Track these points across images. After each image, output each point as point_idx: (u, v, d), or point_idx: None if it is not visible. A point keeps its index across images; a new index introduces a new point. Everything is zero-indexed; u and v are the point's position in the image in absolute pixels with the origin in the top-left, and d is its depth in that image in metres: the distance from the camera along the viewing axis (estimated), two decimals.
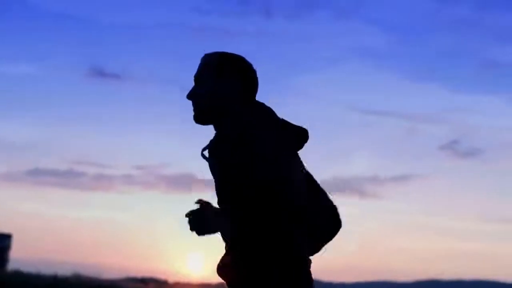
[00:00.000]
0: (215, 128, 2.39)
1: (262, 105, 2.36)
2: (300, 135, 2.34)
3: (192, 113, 2.40)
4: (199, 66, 2.42)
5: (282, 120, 2.34)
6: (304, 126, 2.36)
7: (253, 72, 2.41)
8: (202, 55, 2.44)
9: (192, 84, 2.42)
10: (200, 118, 2.39)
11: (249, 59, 2.45)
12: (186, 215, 2.26)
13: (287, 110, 2.40)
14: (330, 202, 2.40)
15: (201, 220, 2.23)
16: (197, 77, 2.41)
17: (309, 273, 2.29)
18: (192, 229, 2.25)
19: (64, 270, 23.42)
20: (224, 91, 2.34)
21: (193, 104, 2.39)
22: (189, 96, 2.40)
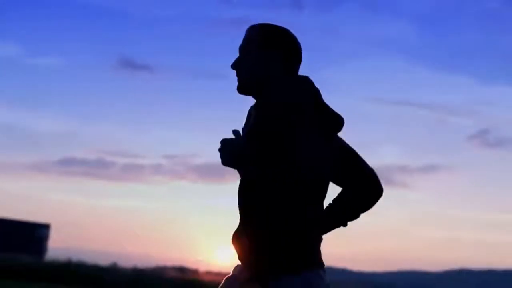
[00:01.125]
0: (256, 99, 2.42)
1: (306, 79, 2.36)
2: (335, 122, 2.36)
3: (236, 84, 2.42)
4: (244, 37, 2.45)
5: (322, 102, 2.35)
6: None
7: (297, 44, 2.42)
8: (231, 47, 2.48)
9: (221, 74, 2.57)
10: (243, 88, 2.41)
11: None
12: (220, 142, 2.28)
13: None
14: (370, 171, 2.44)
15: (229, 150, 2.25)
16: (241, 48, 2.44)
17: (315, 251, 2.30)
18: (220, 156, 2.28)
19: (96, 259, 23.63)
20: (267, 63, 2.37)
21: (237, 74, 2.42)
22: (233, 66, 2.42)
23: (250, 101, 2.45)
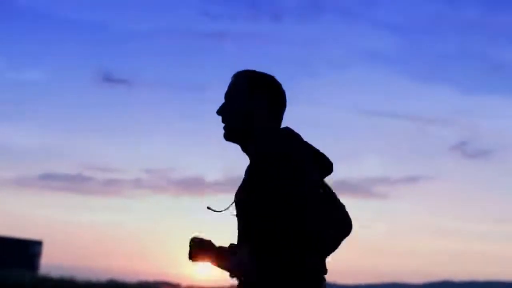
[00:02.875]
0: (243, 147, 2.43)
1: (291, 131, 2.39)
2: (326, 166, 2.38)
3: (222, 130, 2.44)
4: (230, 84, 2.46)
5: (313, 147, 2.38)
6: (315, 131, 2.56)
7: (282, 91, 2.44)
8: (212, 60, 2.80)
9: (202, 89, 2.67)
10: (231, 135, 2.42)
11: (258, 62, 2.78)
12: (190, 241, 2.39)
13: (297, 113, 2.37)
14: (343, 210, 2.36)
15: (201, 247, 2.36)
16: (227, 95, 2.45)
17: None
18: (189, 254, 2.38)
19: (74, 273, 24.44)
20: (254, 111, 2.38)
21: (223, 121, 2.43)
22: (219, 112, 2.44)
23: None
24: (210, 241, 2.37)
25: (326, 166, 2.37)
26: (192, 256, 2.37)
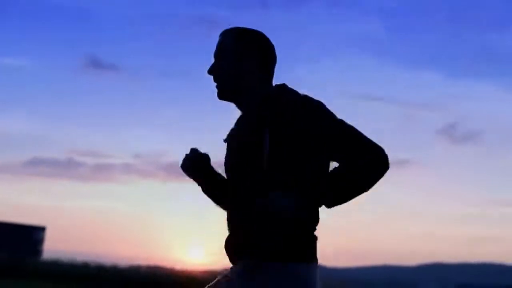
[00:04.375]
0: (238, 105, 2.41)
1: (284, 86, 2.37)
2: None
3: (215, 89, 2.40)
4: (218, 42, 2.43)
5: None
6: None
7: (271, 46, 2.41)
8: (198, 47, 3.02)
9: (190, 75, 2.84)
10: (223, 95, 2.39)
11: None
12: (191, 151, 2.38)
13: None
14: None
15: (201, 164, 2.37)
16: (217, 54, 2.41)
17: (315, 244, 2.28)
18: (186, 165, 2.38)
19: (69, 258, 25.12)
20: (244, 68, 2.35)
21: (215, 80, 2.40)
22: (209, 71, 2.40)
23: (215, 98, 2.41)
24: (207, 156, 2.40)
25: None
26: (187, 167, 2.37)
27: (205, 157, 2.41)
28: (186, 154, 2.39)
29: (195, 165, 2.39)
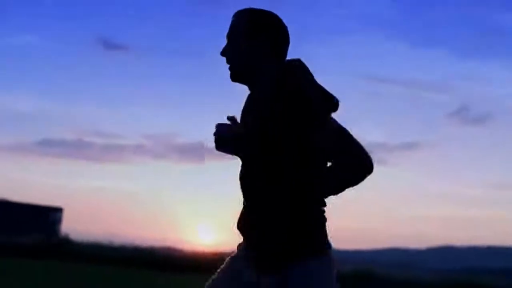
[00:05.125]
0: (250, 86, 2.41)
1: (300, 62, 2.35)
2: (335, 102, 2.32)
3: (228, 71, 2.41)
4: (231, 24, 2.42)
5: (318, 84, 2.33)
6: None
7: (284, 27, 2.40)
8: (209, 25, 3.07)
9: (201, 52, 2.81)
10: (236, 77, 2.39)
11: None
12: (216, 126, 2.33)
13: None
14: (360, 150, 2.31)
15: (225, 135, 2.31)
16: (229, 35, 2.42)
17: (326, 230, 2.30)
18: (215, 141, 2.32)
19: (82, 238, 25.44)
20: (257, 49, 2.36)
21: (227, 62, 2.40)
22: (222, 53, 2.41)
23: (228, 80, 2.41)
24: (240, 124, 2.35)
25: (334, 103, 2.31)
26: (220, 144, 2.31)
27: (239, 127, 2.34)
28: (219, 126, 2.33)
29: (236, 136, 2.31)
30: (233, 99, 2.51)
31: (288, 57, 2.40)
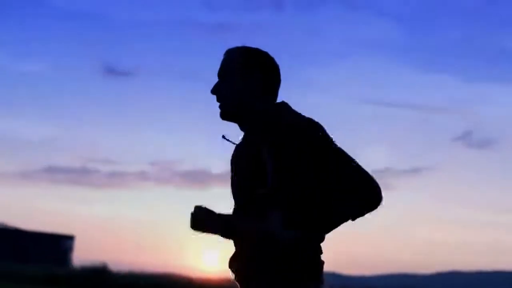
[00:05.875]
0: (241, 125, 2.38)
1: (286, 105, 2.35)
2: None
3: (217, 109, 2.39)
4: (222, 61, 2.40)
5: None
6: (318, 119, 2.31)
7: (276, 66, 2.39)
8: (214, 51, 2.63)
9: (205, 79, 2.36)
10: (226, 115, 2.37)
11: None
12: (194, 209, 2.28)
13: (299, 103, 2.41)
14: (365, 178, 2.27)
15: (203, 217, 2.26)
16: (220, 73, 2.39)
17: (321, 265, 2.28)
18: (191, 224, 2.27)
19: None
20: (249, 88, 2.33)
21: (218, 100, 2.38)
22: (213, 91, 2.38)
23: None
24: (213, 211, 2.28)
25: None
26: (195, 224, 2.27)
27: (211, 212, 2.29)
28: (192, 214, 2.29)
29: (206, 222, 2.28)
30: (237, 127, 2.45)
31: (293, 80, 2.48)
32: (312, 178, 2.21)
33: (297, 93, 2.41)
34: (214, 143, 2.30)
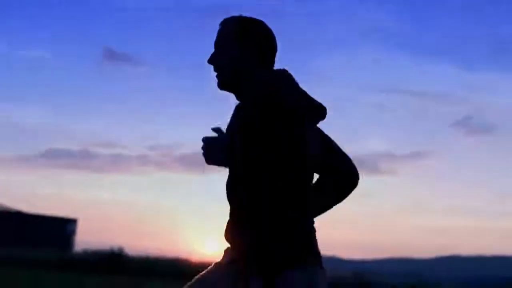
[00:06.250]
0: (236, 94, 2.37)
1: (285, 72, 2.33)
2: (321, 111, 2.29)
3: (215, 79, 2.37)
4: (218, 31, 2.39)
5: (304, 93, 2.30)
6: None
7: (272, 35, 2.38)
8: (214, 36, 2.41)
9: (205, 64, 2.40)
10: (224, 84, 2.35)
11: None
12: (202, 140, 2.23)
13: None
14: (347, 163, 2.37)
15: (213, 147, 2.21)
16: (217, 43, 2.38)
17: (316, 241, 2.27)
18: (203, 155, 2.23)
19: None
20: (245, 57, 2.32)
21: (215, 70, 2.37)
22: (209, 61, 2.37)
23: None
24: (225, 136, 2.24)
25: (320, 111, 2.29)
26: (210, 157, 2.21)
27: (223, 139, 2.23)
28: (206, 139, 2.23)
29: (217, 153, 2.21)
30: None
31: (292, 69, 2.35)
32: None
33: (300, 82, 2.34)
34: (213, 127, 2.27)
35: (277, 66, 2.39)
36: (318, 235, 2.30)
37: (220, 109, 2.44)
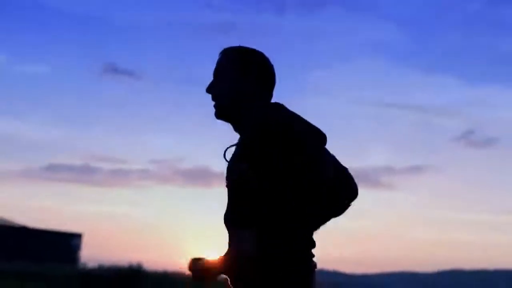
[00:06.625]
0: (234, 125, 2.36)
1: (281, 106, 2.33)
2: (321, 137, 2.31)
3: (212, 108, 2.38)
4: (218, 61, 2.39)
5: (304, 120, 2.31)
6: (321, 122, 2.28)
7: (271, 67, 2.38)
8: (215, 52, 2.40)
9: (206, 79, 2.39)
10: (222, 114, 2.35)
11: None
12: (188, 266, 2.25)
13: (303, 106, 2.20)
14: (347, 174, 2.38)
15: (199, 267, 2.21)
16: (216, 72, 2.38)
17: (310, 279, 2.22)
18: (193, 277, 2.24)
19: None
20: (244, 88, 2.32)
21: (213, 99, 2.37)
22: (208, 89, 2.37)
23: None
24: (205, 259, 2.23)
25: (320, 138, 2.31)
26: (194, 276, 2.24)
27: (205, 261, 2.24)
28: (193, 261, 2.25)
29: (203, 272, 2.23)
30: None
31: (293, 82, 2.59)
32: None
33: (301, 96, 2.35)
34: (214, 142, 2.44)
35: (278, 80, 2.42)
36: (319, 250, 2.27)
37: (221, 124, 2.39)
